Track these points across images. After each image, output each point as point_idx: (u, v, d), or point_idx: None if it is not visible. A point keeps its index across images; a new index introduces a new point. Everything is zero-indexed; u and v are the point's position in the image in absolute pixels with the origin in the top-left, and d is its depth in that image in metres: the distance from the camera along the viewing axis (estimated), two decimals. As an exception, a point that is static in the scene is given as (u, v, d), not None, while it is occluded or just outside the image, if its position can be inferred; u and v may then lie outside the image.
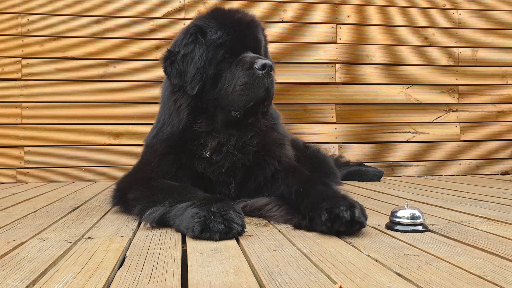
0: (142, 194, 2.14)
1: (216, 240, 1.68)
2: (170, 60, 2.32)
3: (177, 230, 1.87)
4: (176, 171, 2.30)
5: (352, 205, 1.77)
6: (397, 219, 1.87)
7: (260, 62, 2.12)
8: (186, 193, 2.00)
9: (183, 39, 2.30)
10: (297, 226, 1.94)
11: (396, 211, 1.90)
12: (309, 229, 1.87)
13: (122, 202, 2.30)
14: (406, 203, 1.92)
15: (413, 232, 1.81)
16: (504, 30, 5.25)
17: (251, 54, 2.23)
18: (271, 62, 2.15)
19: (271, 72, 2.15)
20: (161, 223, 1.94)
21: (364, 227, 1.80)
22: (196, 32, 2.27)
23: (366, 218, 1.80)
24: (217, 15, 2.33)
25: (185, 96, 2.28)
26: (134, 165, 2.60)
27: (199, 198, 1.90)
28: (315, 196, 1.92)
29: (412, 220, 1.84)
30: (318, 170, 3.36)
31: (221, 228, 1.68)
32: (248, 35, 2.29)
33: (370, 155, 4.94)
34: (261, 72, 2.11)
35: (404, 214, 1.86)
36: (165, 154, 2.34)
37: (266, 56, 2.46)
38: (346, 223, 1.73)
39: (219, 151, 2.27)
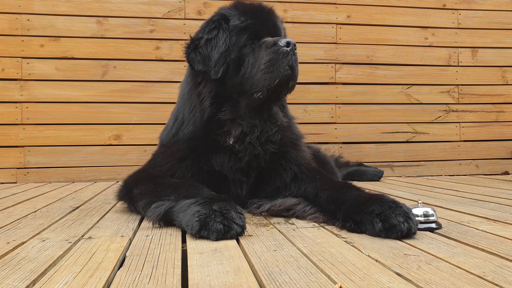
0: (148, 189, 2.16)
1: (213, 240, 1.68)
2: (193, 46, 2.34)
3: (179, 226, 1.88)
4: (190, 176, 2.29)
5: (407, 214, 1.72)
6: None
7: (284, 40, 2.16)
8: (193, 189, 2.01)
9: (207, 26, 2.35)
10: (341, 227, 1.91)
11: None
12: (356, 231, 1.84)
13: (128, 197, 2.31)
14: (420, 202, 1.94)
15: (427, 230, 1.84)
16: (504, 30, 5.25)
17: (273, 37, 2.27)
18: (294, 41, 2.17)
19: (295, 50, 2.17)
20: (166, 217, 1.94)
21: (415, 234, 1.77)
22: (219, 19, 2.32)
23: (417, 225, 1.76)
24: (239, 5, 2.39)
25: (208, 84, 2.29)
26: (145, 164, 2.58)
27: (203, 196, 1.90)
28: (355, 199, 1.91)
29: (425, 218, 1.87)
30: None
31: (219, 228, 1.67)
32: (269, 21, 2.35)
33: (370, 155, 4.94)
34: (285, 48, 2.13)
35: (418, 212, 1.87)
36: (183, 158, 2.33)
37: None
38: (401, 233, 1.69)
39: (242, 141, 2.28)
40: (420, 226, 1.84)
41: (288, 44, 2.14)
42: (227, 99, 2.30)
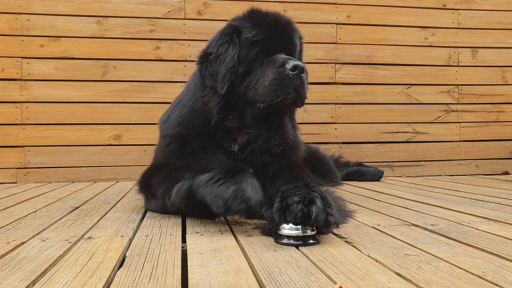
0: (163, 177, 2.20)
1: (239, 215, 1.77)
2: (204, 61, 2.33)
3: (203, 202, 1.86)
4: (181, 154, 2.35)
5: (308, 197, 1.65)
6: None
7: (292, 62, 2.09)
8: (203, 162, 2.04)
9: (219, 39, 2.31)
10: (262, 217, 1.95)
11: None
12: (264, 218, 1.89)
13: (146, 190, 2.38)
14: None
15: (301, 245, 1.62)
16: (504, 30, 5.25)
17: (284, 56, 2.21)
18: (303, 65, 2.12)
19: (302, 74, 2.11)
20: (190, 197, 1.94)
21: (326, 229, 1.70)
22: (231, 32, 2.27)
23: (329, 215, 1.65)
24: (253, 16, 2.32)
25: (216, 94, 2.29)
26: (154, 158, 2.63)
27: (217, 169, 1.89)
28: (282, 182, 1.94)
29: (302, 231, 1.64)
30: (318, 170, 3.37)
31: (242, 207, 1.74)
32: (283, 36, 2.28)
33: (370, 155, 4.94)
34: (291, 72, 2.09)
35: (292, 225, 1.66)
36: (175, 143, 2.40)
37: (300, 61, 2.43)
38: (303, 218, 1.61)
39: (245, 149, 2.30)
40: (294, 241, 1.62)
41: (294, 68, 2.08)
42: (233, 108, 2.30)
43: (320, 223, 1.63)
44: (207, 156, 2.21)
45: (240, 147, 2.30)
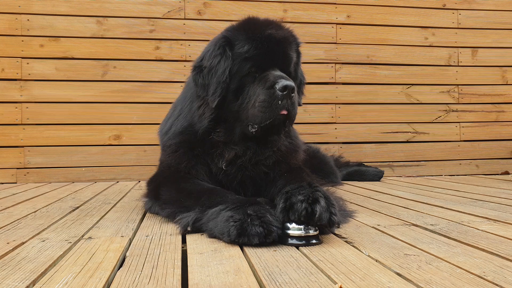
0: (171, 197, 2.16)
1: (255, 244, 1.58)
2: (197, 72, 2.30)
3: (210, 235, 1.78)
4: (186, 165, 2.31)
5: (313, 197, 1.65)
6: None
7: (281, 83, 2.05)
8: (215, 197, 1.93)
9: (212, 51, 2.26)
10: None
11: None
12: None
13: (154, 204, 2.31)
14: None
15: (305, 245, 1.62)
16: (504, 30, 5.25)
17: (276, 73, 2.16)
18: (293, 84, 2.08)
19: (292, 94, 2.08)
20: (194, 228, 1.87)
21: (329, 227, 1.69)
22: (224, 44, 2.22)
23: (332, 214, 1.66)
24: (248, 27, 2.25)
25: (209, 106, 2.26)
26: (160, 165, 2.58)
27: (232, 201, 1.84)
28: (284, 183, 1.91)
29: (305, 232, 1.64)
30: (318, 170, 3.36)
31: (259, 231, 1.58)
32: (277, 52, 2.22)
33: (370, 155, 4.94)
34: (281, 93, 2.04)
35: (296, 224, 1.66)
36: (177, 151, 2.37)
37: (296, 72, 2.42)
38: (307, 217, 1.62)
39: (234, 163, 2.26)
40: (296, 241, 1.62)
41: (284, 88, 2.04)
42: (222, 121, 2.26)
43: (323, 222, 1.63)
44: (221, 191, 2.08)
45: (228, 163, 2.26)
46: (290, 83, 2.07)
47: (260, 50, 2.17)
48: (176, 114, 2.52)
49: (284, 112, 2.08)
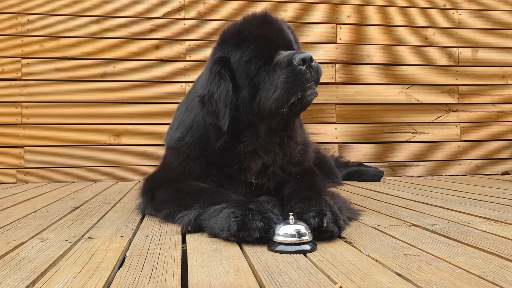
0: (169, 197, 2.11)
1: (256, 238, 1.59)
2: (201, 103, 2.20)
3: (210, 233, 1.77)
4: (199, 174, 2.25)
5: (322, 211, 1.70)
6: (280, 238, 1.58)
7: (298, 57, 1.93)
8: (218, 196, 1.92)
9: (208, 78, 2.17)
10: None
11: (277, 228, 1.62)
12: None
13: (149, 205, 2.27)
14: (291, 216, 1.62)
15: (299, 253, 1.52)
16: (504, 30, 5.25)
17: (285, 52, 2.05)
18: (309, 54, 1.95)
19: (312, 63, 1.96)
20: (195, 225, 1.86)
21: (335, 235, 1.71)
22: (219, 69, 2.11)
23: (339, 226, 1.71)
24: (238, 32, 2.15)
25: (221, 130, 2.15)
26: (157, 167, 2.54)
27: (234, 200, 1.82)
28: (295, 198, 1.90)
29: (299, 238, 1.56)
30: (319, 170, 3.35)
31: (260, 225, 1.59)
32: (276, 34, 2.13)
33: (370, 155, 4.93)
34: (302, 67, 1.93)
35: (289, 231, 1.57)
36: (190, 157, 2.28)
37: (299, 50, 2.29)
38: (314, 230, 1.65)
39: (264, 173, 2.17)
40: (291, 248, 1.54)
41: (303, 61, 1.93)
42: (244, 129, 2.15)
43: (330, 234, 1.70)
44: (222, 191, 2.04)
45: (256, 175, 2.17)
46: (305, 54, 1.96)
47: (258, 42, 2.08)
48: (183, 129, 2.39)
49: (312, 83, 1.99)
